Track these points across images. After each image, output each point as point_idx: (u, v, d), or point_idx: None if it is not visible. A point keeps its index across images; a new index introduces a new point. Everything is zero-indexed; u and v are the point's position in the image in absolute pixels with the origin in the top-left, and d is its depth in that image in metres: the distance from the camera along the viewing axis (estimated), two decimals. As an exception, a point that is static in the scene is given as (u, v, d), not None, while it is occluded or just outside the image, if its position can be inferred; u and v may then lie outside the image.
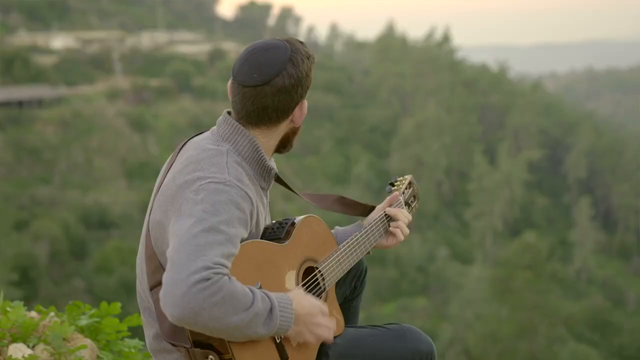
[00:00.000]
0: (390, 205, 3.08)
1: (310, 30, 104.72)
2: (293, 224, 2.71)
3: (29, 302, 4.01)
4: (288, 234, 2.67)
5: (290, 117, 2.67)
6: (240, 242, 2.45)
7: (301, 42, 2.69)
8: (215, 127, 2.70)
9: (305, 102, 2.69)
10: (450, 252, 50.14)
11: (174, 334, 2.52)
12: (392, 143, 61.99)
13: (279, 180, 2.83)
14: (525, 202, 59.73)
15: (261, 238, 2.65)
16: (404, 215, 3.05)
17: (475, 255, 51.71)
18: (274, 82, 2.59)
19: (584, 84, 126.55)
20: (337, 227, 3.03)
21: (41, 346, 3.48)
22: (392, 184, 3.20)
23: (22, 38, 68.57)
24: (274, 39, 2.66)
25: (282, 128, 2.68)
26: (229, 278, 2.32)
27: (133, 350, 3.74)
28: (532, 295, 38.63)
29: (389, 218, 3.05)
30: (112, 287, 34.21)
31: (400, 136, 62.01)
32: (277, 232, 2.67)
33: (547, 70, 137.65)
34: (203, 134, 2.72)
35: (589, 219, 56.02)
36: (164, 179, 2.63)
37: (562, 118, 74.48)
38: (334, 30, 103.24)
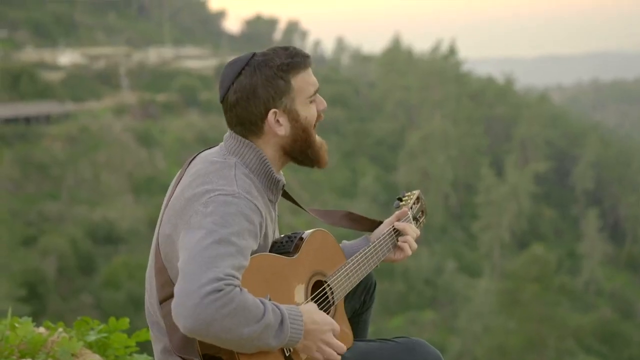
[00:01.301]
0: (398, 220, 3.08)
1: (317, 44, 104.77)
2: (301, 238, 2.71)
3: (37, 318, 4.00)
4: (297, 247, 2.67)
5: (265, 128, 2.62)
6: (250, 255, 2.45)
7: (285, 49, 2.63)
8: (223, 142, 2.70)
9: (288, 110, 2.61)
10: (458, 264, 50.04)
11: (184, 347, 2.53)
12: (398, 156, 61.99)
13: (286, 196, 2.83)
14: (533, 214, 59.59)
15: (270, 252, 2.64)
16: (412, 230, 3.05)
17: (483, 267, 51.57)
18: (226, 98, 2.62)
19: (590, 95, 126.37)
20: (344, 242, 3.03)
21: (50, 362, 3.48)
22: (400, 199, 3.20)
23: (29, 54, 68.87)
24: (247, 53, 2.65)
25: (268, 139, 2.64)
26: (241, 289, 2.32)
27: (142, 365, 3.74)
28: (540, 308, 38.53)
29: (397, 232, 3.05)
30: (120, 302, 34.20)
31: (407, 149, 62.00)
32: (286, 246, 2.67)
33: (553, 82, 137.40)
34: (211, 148, 2.73)
35: (596, 230, 55.90)
36: (173, 193, 2.64)
37: (568, 129, 74.38)
38: (340, 44, 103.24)
